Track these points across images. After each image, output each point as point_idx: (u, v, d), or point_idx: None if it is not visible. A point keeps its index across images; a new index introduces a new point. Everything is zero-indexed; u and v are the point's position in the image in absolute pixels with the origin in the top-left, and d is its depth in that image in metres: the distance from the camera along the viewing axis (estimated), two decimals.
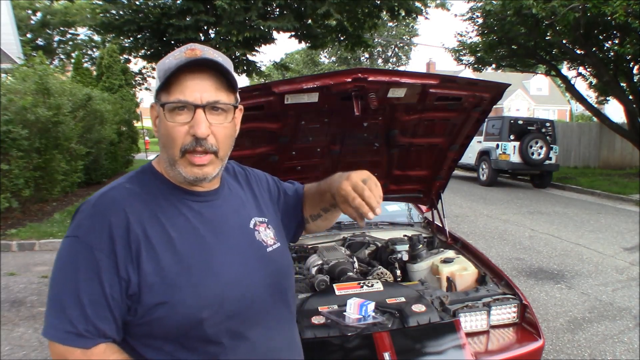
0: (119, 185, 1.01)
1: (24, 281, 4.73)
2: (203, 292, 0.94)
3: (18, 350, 3.30)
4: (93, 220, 0.94)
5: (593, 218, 8.44)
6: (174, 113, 0.95)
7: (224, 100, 0.97)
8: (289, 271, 1.15)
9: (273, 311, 1.06)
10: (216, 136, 0.97)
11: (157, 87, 0.98)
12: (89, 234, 0.92)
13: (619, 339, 3.65)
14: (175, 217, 0.99)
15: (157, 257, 0.94)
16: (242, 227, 1.08)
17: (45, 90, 6.89)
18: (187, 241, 0.97)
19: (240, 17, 10.90)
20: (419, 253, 2.74)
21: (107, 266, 0.91)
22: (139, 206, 0.97)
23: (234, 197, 1.12)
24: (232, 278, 0.99)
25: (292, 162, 2.61)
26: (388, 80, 2.17)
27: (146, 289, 0.92)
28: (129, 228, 0.93)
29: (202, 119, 0.94)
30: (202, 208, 1.03)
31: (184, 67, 0.94)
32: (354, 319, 1.95)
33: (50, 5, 24.31)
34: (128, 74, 15.53)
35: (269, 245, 1.10)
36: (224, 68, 0.97)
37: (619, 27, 11.10)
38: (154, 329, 0.94)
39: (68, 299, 0.90)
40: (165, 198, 1.00)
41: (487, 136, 12.42)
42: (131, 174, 1.05)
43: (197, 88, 0.95)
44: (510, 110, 36.22)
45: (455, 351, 1.92)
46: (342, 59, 40.30)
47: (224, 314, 0.96)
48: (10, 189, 6.12)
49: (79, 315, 0.90)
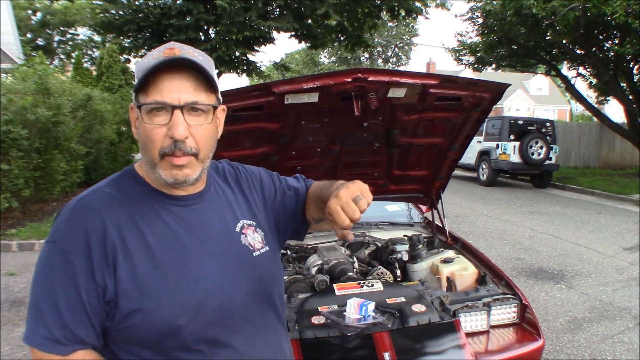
0: (98, 189, 0.99)
1: (24, 281, 4.73)
2: (179, 300, 0.92)
3: (18, 350, 3.30)
4: (70, 225, 0.92)
5: (593, 218, 8.45)
6: (151, 114, 0.92)
7: (203, 101, 0.94)
8: (276, 276, 1.11)
9: (258, 318, 1.03)
10: (195, 138, 0.94)
11: (135, 88, 0.95)
12: (65, 239, 0.91)
13: (619, 339, 3.65)
14: (154, 221, 0.96)
15: (133, 264, 0.92)
16: (227, 231, 1.04)
17: (45, 90, 6.89)
18: (165, 247, 0.95)
19: (240, 17, 10.91)
20: (419, 253, 2.74)
21: (83, 272, 0.90)
22: (117, 211, 0.94)
23: (220, 199, 1.08)
24: (212, 284, 0.96)
25: (292, 162, 2.61)
26: (388, 80, 2.17)
27: (122, 296, 0.90)
28: (105, 234, 0.91)
29: (180, 121, 0.91)
30: (183, 212, 1.00)
31: (161, 66, 0.91)
32: (354, 319, 1.95)
33: (50, 5, 24.29)
34: (128, 74, 15.52)
35: (256, 250, 1.06)
36: (202, 68, 0.93)
37: (619, 27, 11.10)
38: (131, 335, 0.92)
39: (45, 305, 0.89)
40: (145, 202, 0.98)
41: (487, 136, 12.42)
42: (112, 177, 1.02)
43: (175, 88, 0.91)
44: (510, 110, 36.21)
45: (455, 351, 1.92)
46: (342, 59, 40.30)
47: (203, 322, 0.94)
48: (10, 189, 6.12)
49: (55, 321, 0.89)
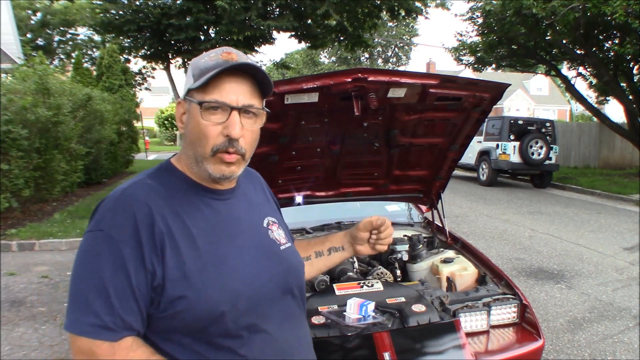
0: (140, 181, 1.03)
1: (24, 281, 4.73)
2: (221, 287, 0.97)
3: (18, 350, 3.30)
4: (117, 214, 0.95)
5: (593, 218, 8.45)
6: (209, 112, 0.98)
7: (257, 106, 1.02)
8: (300, 270, 1.18)
9: (284, 307, 1.08)
10: (245, 139, 1.01)
11: (192, 86, 1.00)
12: (113, 228, 0.94)
13: (619, 339, 3.66)
14: (194, 213, 1.02)
15: (180, 252, 0.96)
16: (256, 225, 1.12)
17: (45, 90, 6.90)
18: (206, 238, 1.00)
19: (240, 16, 10.90)
20: (419, 253, 2.74)
21: (133, 258, 0.92)
22: (160, 202, 0.99)
23: (247, 197, 1.15)
24: (247, 274, 1.02)
25: (292, 162, 2.61)
26: (388, 80, 2.17)
27: (169, 282, 0.94)
28: (153, 222, 0.95)
29: (237, 121, 0.98)
30: (219, 205, 1.06)
31: (227, 70, 0.97)
32: (354, 319, 1.95)
33: (50, 5, 24.30)
34: (128, 74, 15.53)
35: (282, 244, 1.13)
36: (262, 75, 1.01)
37: (619, 27, 11.10)
38: (174, 322, 0.95)
39: (92, 292, 0.91)
40: (184, 195, 1.03)
41: (487, 136, 12.42)
42: (150, 171, 1.07)
43: (235, 91, 0.98)
44: (510, 110, 36.22)
45: (455, 351, 1.92)
46: (342, 59, 40.31)
47: (242, 308, 0.98)
48: (10, 189, 6.12)
49: (104, 308, 0.90)
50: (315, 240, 1.37)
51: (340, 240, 1.35)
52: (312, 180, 2.83)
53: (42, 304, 4.14)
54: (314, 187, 2.87)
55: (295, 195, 2.76)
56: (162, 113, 30.97)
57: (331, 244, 1.34)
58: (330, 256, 1.33)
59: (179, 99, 1.07)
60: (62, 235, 6.18)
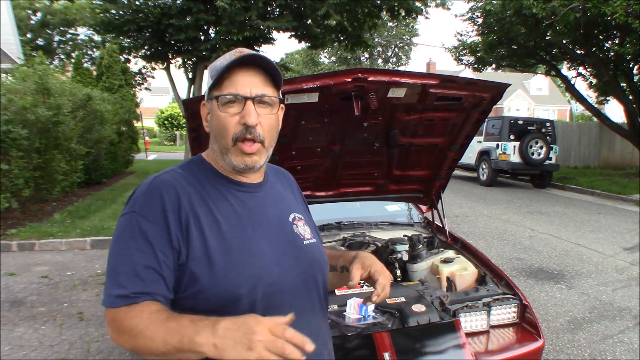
0: (171, 170, 1.12)
1: (24, 281, 4.73)
2: (242, 271, 1.02)
3: (18, 350, 3.30)
4: (147, 197, 1.04)
5: (593, 218, 8.45)
6: (226, 105, 1.07)
7: (270, 94, 1.08)
8: (323, 264, 1.21)
9: (304, 300, 1.11)
10: (262, 126, 1.08)
11: (210, 85, 1.09)
12: (144, 208, 1.02)
13: (619, 339, 3.65)
14: (220, 202, 1.08)
15: (204, 234, 1.02)
16: (282, 219, 1.16)
17: (45, 90, 6.89)
18: (230, 225, 1.06)
19: (240, 16, 10.90)
20: (419, 253, 2.74)
21: (160, 236, 0.99)
22: (189, 189, 1.06)
23: (275, 192, 1.21)
24: (269, 262, 1.06)
25: (292, 162, 2.61)
26: (388, 80, 2.17)
27: (192, 261, 1.00)
28: (180, 205, 1.02)
29: (252, 109, 1.05)
30: (245, 197, 1.12)
31: (236, 64, 1.06)
32: (354, 319, 1.96)
33: (50, 5, 24.29)
34: (128, 74, 15.49)
35: (306, 239, 1.17)
36: (271, 65, 1.08)
37: (619, 27, 11.10)
38: (195, 302, 1.00)
39: (122, 267, 0.98)
40: (212, 185, 1.10)
41: (487, 136, 12.43)
42: (183, 163, 1.16)
43: (247, 83, 1.06)
44: (510, 110, 36.22)
45: (455, 351, 1.92)
46: (342, 59, 40.31)
47: (260, 294, 1.02)
48: (10, 189, 6.12)
49: (130, 280, 0.96)
50: (332, 253, 1.36)
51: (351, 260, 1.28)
52: (312, 180, 2.83)
53: (42, 304, 4.14)
54: (314, 187, 2.88)
55: None
56: (162, 113, 31.00)
57: (344, 262, 1.30)
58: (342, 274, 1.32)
59: (203, 101, 1.14)
60: (62, 235, 6.18)
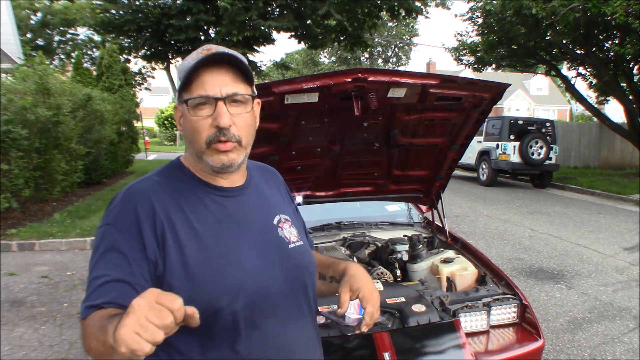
0: (147, 177, 1.08)
1: (24, 281, 4.73)
2: (222, 281, 0.98)
3: (18, 350, 3.30)
4: (121, 208, 1.00)
5: (593, 218, 8.45)
6: (197, 108, 1.01)
7: (242, 92, 1.04)
8: (310, 268, 1.17)
9: (290, 306, 1.08)
10: (237, 126, 1.03)
11: (179, 88, 1.04)
12: (117, 221, 0.98)
13: (619, 339, 3.65)
14: (199, 209, 1.04)
15: (181, 244, 0.98)
16: (265, 222, 1.12)
17: (45, 90, 6.89)
18: (209, 232, 1.02)
19: (240, 16, 10.90)
20: (419, 253, 2.74)
21: (135, 248, 0.95)
22: (165, 197, 1.02)
23: (259, 194, 1.16)
24: (251, 269, 1.02)
25: (292, 162, 2.61)
26: (388, 80, 2.17)
27: (170, 273, 0.96)
28: (154, 216, 0.98)
29: (224, 111, 1.00)
30: (225, 202, 1.08)
31: (202, 64, 1.00)
32: (354, 319, 1.95)
33: (50, 5, 24.28)
34: (128, 74, 15.48)
35: (292, 242, 1.13)
36: (239, 61, 1.03)
37: (619, 27, 11.10)
38: None
39: (96, 280, 0.93)
40: (190, 191, 1.06)
41: (487, 136, 12.42)
42: (160, 169, 1.11)
43: (216, 82, 1.01)
44: (510, 110, 36.21)
45: (455, 351, 1.92)
46: (342, 59, 40.30)
47: (242, 303, 0.99)
48: (10, 189, 6.12)
49: (101, 292, 0.91)
50: (323, 260, 1.32)
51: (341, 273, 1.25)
52: (312, 180, 2.83)
53: (42, 304, 4.14)
54: (314, 187, 2.88)
55: (295, 195, 2.76)
56: (162, 113, 30.97)
57: (333, 273, 1.27)
58: (331, 284, 1.29)
59: (175, 104, 1.09)
60: (62, 235, 6.18)
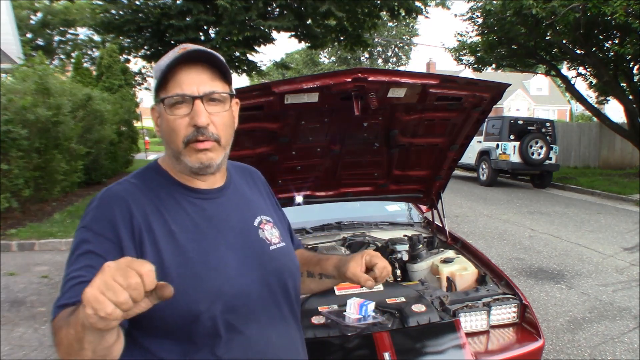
0: (124, 181, 1.06)
1: (24, 281, 4.73)
2: (200, 285, 0.96)
3: (18, 350, 3.30)
4: (97, 211, 0.98)
5: (593, 218, 8.45)
6: (173, 107, 0.99)
7: (219, 90, 1.01)
8: (293, 270, 1.15)
9: (273, 309, 1.06)
10: (216, 125, 1.01)
11: (155, 87, 1.02)
12: (94, 223, 0.96)
13: (619, 339, 3.65)
14: (176, 212, 1.02)
15: (158, 247, 0.96)
16: (245, 224, 1.10)
17: (45, 90, 6.89)
18: (187, 235, 1.00)
19: (240, 16, 10.90)
20: (419, 253, 2.74)
21: (112, 250, 0.93)
22: (142, 200, 1.00)
23: (239, 196, 1.14)
24: (230, 273, 1.01)
25: (292, 162, 2.61)
26: (388, 80, 2.17)
27: None
28: (131, 219, 0.97)
29: (201, 109, 0.98)
30: (204, 204, 1.05)
31: (178, 62, 0.98)
32: (354, 319, 1.95)
33: (50, 5, 24.29)
34: (128, 74, 15.51)
35: (273, 244, 1.11)
36: (216, 59, 1.01)
37: (619, 27, 11.09)
38: (154, 319, 0.94)
39: (69, 282, 0.90)
40: (168, 194, 1.04)
41: (487, 136, 12.42)
42: (138, 171, 1.09)
43: (193, 81, 0.99)
44: (510, 110, 36.21)
45: (455, 351, 1.92)
46: (342, 59, 40.30)
47: (221, 308, 0.97)
48: (10, 189, 6.12)
49: (72, 292, 0.88)
50: (311, 257, 1.31)
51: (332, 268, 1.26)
52: (312, 180, 2.82)
53: (42, 304, 4.14)
54: (314, 187, 2.88)
55: (295, 195, 2.76)
56: None
57: (322, 270, 1.26)
58: (321, 280, 1.29)
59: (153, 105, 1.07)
60: (62, 235, 6.18)
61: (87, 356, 0.76)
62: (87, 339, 0.74)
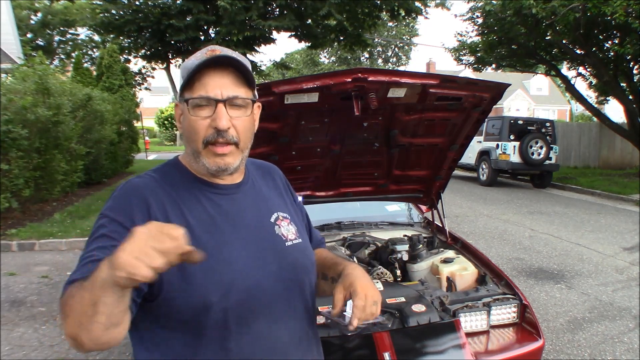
0: (144, 174, 1.10)
1: (24, 281, 4.73)
2: (213, 277, 0.98)
3: (18, 350, 3.30)
4: (118, 201, 1.02)
5: (593, 218, 8.45)
6: (197, 108, 1.03)
7: (242, 96, 1.05)
8: (308, 266, 1.16)
9: (284, 305, 1.07)
10: (236, 128, 1.04)
11: (181, 86, 1.05)
12: (113, 211, 1.00)
13: (619, 339, 3.65)
14: (194, 206, 1.05)
15: None
16: (261, 220, 1.12)
17: (45, 90, 6.89)
18: (203, 229, 1.02)
19: (241, 16, 10.90)
20: (419, 253, 2.74)
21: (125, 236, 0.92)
22: (160, 192, 1.04)
23: (257, 192, 1.16)
24: (243, 267, 1.02)
25: (292, 162, 2.61)
26: (388, 80, 2.17)
27: None
28: (149, 208, 1.00)
29: (223, 113, 1.02)
30: (221, 200, 1.08)
31: (205, 65, 1.02)
32: None
33: (50, 5, 24.29)
34: (128, 74, 15.49)
35: (289, 240, 1.13)
36: (242, 65, 1.04)
37: (619, 27, 11.10)
38: (166, 309, 0.97)
39: (83, 260, 0.93)
40: (186, 189, 1.07)
41: (487, 136, 12.43)
42: (158, 166, 1.13)
43: (218, 84, 1.02)
44: (510, 110, 36.21)
45: (455, 351, 1.92)
46: (342, 59, 40.31)
47: (232, 300, 0.99)
48: (10, 189, 6.12)
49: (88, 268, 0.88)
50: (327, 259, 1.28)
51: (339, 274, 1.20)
52: (312, 180, 2.83)
53: (42, 304, 4.14)
54: (314, 187, 2.88)
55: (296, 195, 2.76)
56: (162, 113, 30.97)
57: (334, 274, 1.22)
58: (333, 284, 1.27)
59: (176, 101, 1.10)
60: (62, 235, 6.18)
61: (100, 321, 0.78)
62: (103, 301, 0.76)
